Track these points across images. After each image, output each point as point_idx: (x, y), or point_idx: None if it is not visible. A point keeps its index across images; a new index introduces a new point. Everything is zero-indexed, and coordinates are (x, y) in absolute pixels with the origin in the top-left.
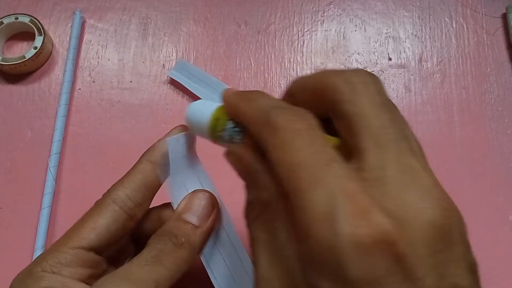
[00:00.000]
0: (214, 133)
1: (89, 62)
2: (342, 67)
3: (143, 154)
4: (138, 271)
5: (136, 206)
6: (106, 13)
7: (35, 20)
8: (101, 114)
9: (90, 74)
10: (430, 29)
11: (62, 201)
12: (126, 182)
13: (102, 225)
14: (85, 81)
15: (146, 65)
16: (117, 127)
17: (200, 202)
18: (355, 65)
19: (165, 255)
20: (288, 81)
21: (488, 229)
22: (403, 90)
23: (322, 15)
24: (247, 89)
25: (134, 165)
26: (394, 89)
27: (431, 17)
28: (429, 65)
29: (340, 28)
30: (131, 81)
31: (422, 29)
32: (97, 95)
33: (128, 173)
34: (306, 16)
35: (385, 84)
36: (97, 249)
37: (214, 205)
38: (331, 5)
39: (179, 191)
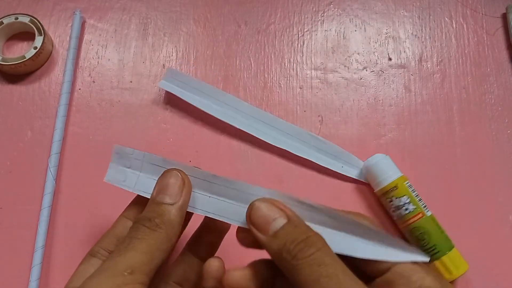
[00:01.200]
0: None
1: (89, 62)
2: (342, 67)
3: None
4: (112, 264)
5: (109, 253)
6: (106, 13)
7: (35, 20)
8: (101, 114)
9: (90, 74)
10: (430, 29)
11: (62, 201)
12: (103, 237)
13: (87, 272)
14: (85, 81)
15: (146, 65)
16: (117, 127)
17: (169, 181)
18: (355, 65)
19: (137, 240)
20: (288, 81)
21: (488, 229)
22: (403, 90)
23: (322, 15)
24: (247, 89)
25: (113, 224)
26: (394, 89)
27: (431, 17)
28: (429, 65)
29: (340, 28)
30: (131, 81)
31: (422, 29)
32: (97, 95)
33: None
34: (306, 16)
35: (385, 84)
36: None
37: (183, 179)
38: (331, 5)
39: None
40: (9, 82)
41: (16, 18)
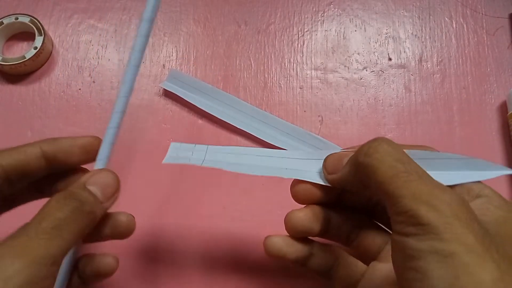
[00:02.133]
0: None
1: (89, 62)
2: (342, 67)
3: (39, 140)
4: (36, 247)
5: (5, 181)
6: (106, 13)
7: (35, 20)
8: (101, 114)
9: (90, 74)
10: (430, 29)
11: None
12: (7, 154)
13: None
14: (85, 81)
15: (146, 65)
16: None
17: (107, 180)
18: (355, 65)
19: (66, 225)
20: (288, 81)
21: None
22: (403, 90)
23: (322, 15)
24: (247, 89)
25: (24, 144)
26: (394, 89)
27: (431, 17)
28: (429, 65)
29: (340, 28)
30: None
31: (422, 29)
32: (97, 95)
33: (16, 147)
34: (306, 16)
35: (385, 84)
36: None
37: (118, 187)
38: (331, 5)
39: None
40: (9, 82)
41: (16, 18)
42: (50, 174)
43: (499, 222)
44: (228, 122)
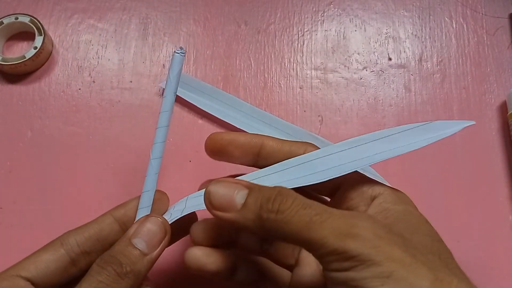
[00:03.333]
0: None
1: (89, 62)
2: (342, 67)
3: (111, 209)
4: None
5: (82, 253)
6: (106, 13)
7: (35, 20)
8: (101, 114)
9: (90, 74)
10: (430, 29)
11: (61, 201)
12: (81, 230)
13: (44, 260)
14: (85, 81)
15: (146, 65)
16: (117, 127)
17: (152, 228)
18: (355, 65)
19: (104, 286)
20: (288, 81)
21: (488, 229)
22: (403, 90)
23: (322, 15)
24: (247, 89)
25: (98, 217)
26: (394, 89)
27: (431, 17)
28: (429, 65)
29: (340, 28)
30: (131, 81)
31: (422, 29)
32: (97, 95)
33: (89, 222)
34: (306, 16)
35: (385, 84)
36: (34, 281)
37: (166, 232)
38: (331, 5)
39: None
40: (9, 82)
41: (16, 18)
42: None
43: (401, 219)
44: (228, 122)
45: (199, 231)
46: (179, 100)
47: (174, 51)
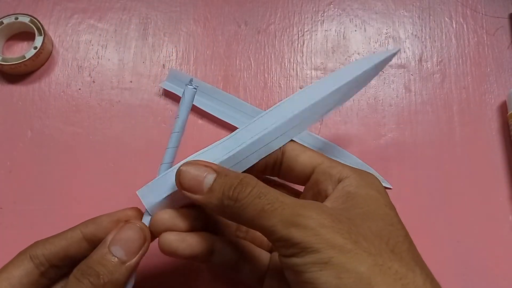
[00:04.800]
0: None
1: (89, 62)
2: (342, 67)
3: (79, 224)
4: None
5: (51, 267)
6: (106, 13)
7: (35, 20)
8: (101, 114)
9: (90, 74)
10: (430, 29)
11: (61, 201)
12: (49, 243)
13: (15, 276)
14: (85, 81)
15: (146, 65)
16: (117, 127)
17: (131, 235)
18: None
19: None
20: (288, 81)
21: (488, 229)
22: (403, 90)
23: (322, 15)
24: (247, 89)
25: (66, 230)
26: (394, 89)
27: (431, 17)
28: (429, 65)
29: (340, 28)
30: (131, 81)
31: (422, 29)
32: (97, 95)
33: (57, 234)
34: (306, 16)
35: (385, 84)
36: None
37: (145, 238)
38: (331, 5)
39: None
40: (9, 82)
41: (16, 18)
42: None
43: (359, 203)
44: (228, 122)
45: (164, 221)
46: (179, 100)
47: (187, 85)
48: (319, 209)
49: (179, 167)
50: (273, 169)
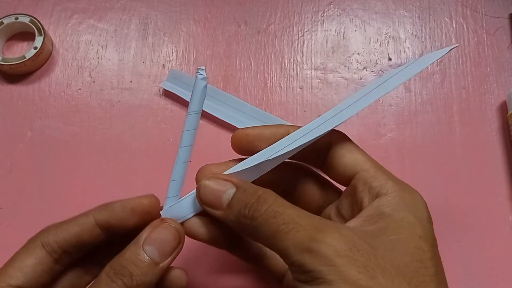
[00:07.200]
0: None
1: (89, 62)
2: (342, 67)
3: (93, 209)
4: None
5: (64, 254)
6: (106, 13)
7: (35, 20)
8: (101, 114)
9: (90, 74)
10: (430, 29)
11: (61, 201)
12: (61, 229)
13: (28, 265)
14: (85, 81)
15: (146, 65)
16: (117, 127)
17: (166, 236)
18: (355, 65)
19: None
20: (288, 81)
21: (488, 229)
22: (403, 90)
23: (322, 15)
24: (247, 89)
25: (79, 215)
26: (394, 89)
27: (431, 17)
28: (429, 65)
29: (340, 28)
30: (131, 81)
31: (422, 29)
32: (97, 95)
33: (70, 219)
34: (306, 16)
35: None
36: (23, 287)
37: (180, 240)
38: (331, 5)
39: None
40: (9, 82)
41: (16, 18)
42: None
43: (388, 229)
44: (228, 122)
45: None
46: (179, 100)
47: (197, 73)
48: (336, 233)
49: (200, 181)
50: (316, 160)
